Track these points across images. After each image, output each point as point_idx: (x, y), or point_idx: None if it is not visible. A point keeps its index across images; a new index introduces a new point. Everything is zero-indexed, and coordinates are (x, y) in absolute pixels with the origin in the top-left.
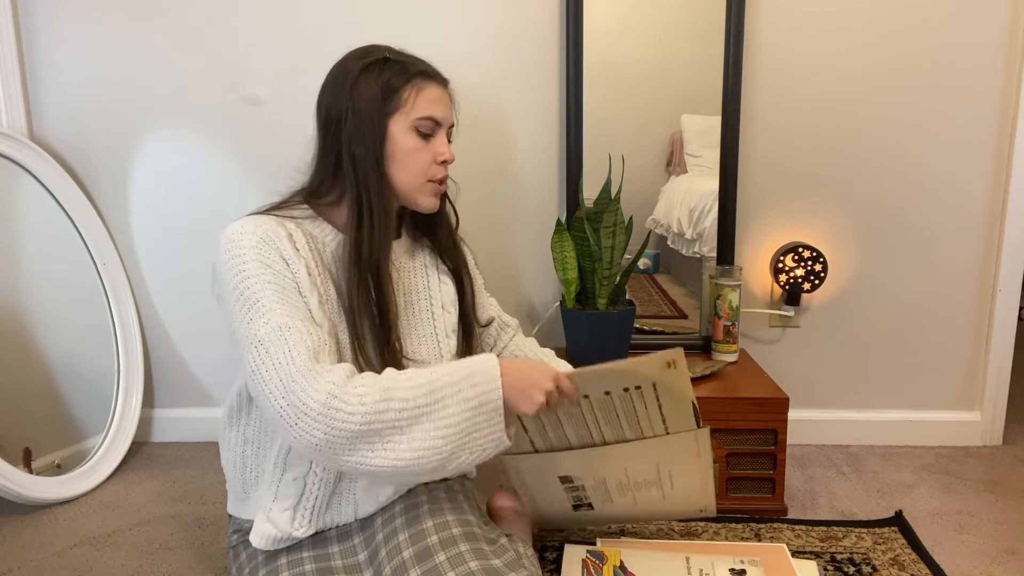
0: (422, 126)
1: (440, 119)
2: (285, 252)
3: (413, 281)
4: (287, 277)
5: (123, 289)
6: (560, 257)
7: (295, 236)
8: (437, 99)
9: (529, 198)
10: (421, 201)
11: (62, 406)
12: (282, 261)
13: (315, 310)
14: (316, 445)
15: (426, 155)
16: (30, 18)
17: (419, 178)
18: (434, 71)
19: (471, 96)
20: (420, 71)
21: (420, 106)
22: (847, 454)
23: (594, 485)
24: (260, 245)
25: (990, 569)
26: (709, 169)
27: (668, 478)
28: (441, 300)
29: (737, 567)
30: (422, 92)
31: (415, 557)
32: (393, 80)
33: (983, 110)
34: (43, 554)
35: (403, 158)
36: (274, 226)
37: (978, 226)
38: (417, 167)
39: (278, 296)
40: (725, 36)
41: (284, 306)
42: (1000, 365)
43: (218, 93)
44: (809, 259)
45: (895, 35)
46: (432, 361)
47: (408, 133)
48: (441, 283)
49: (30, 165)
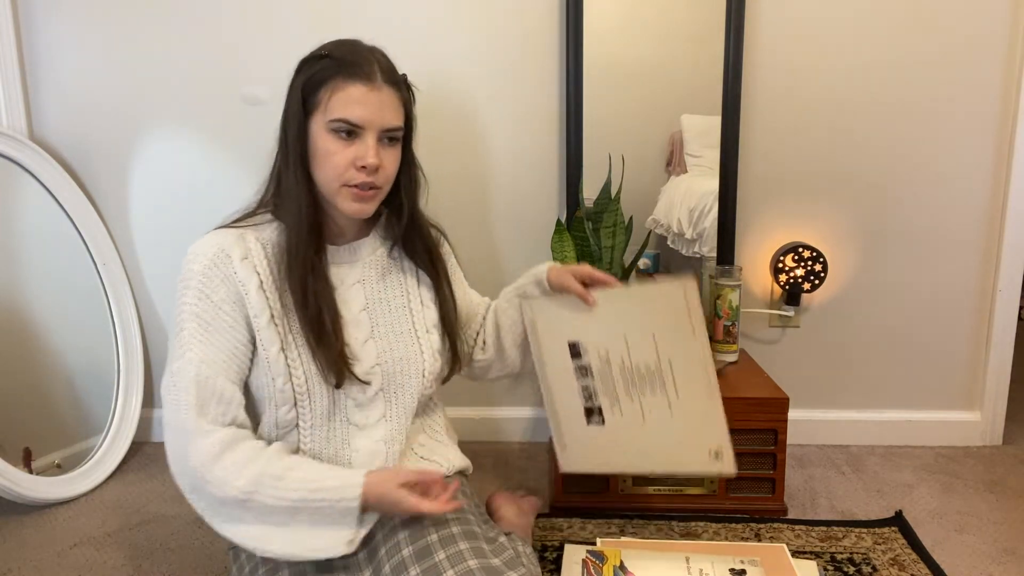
0: (337, 127)
1: (357, 122)
2: (237, 273)
3: (389, 279)
4: (223, 310)
5: (123, 289)
6: (560, 257)
7: (253, 250)
8: (357, 100)
9: (529, 198)
10: (341, 205)
11: (62, 406)
12: (227, 287)
13: (263, 329)
14: (180, 484)
15: (343, 158)
16: (30, 18)
17: (335, 182)
18: (364, 71)
19: (471, 96)
20: (344, 70)
21: (334, 107)
22: (847, 454)
23: (600, 368)
24: (208, 270)
25: (990, 569)
26: (709, 169)
27: (669, 368)
28: (420, 296)
29: (737, 567)
30: (338, 92)
31: (414, 555)
32: (315, 78)
33: (983, 109)
34: (43, 554)
35: (320, 160)
36: (232, 242)
37: (978, 226)
38: (333, 170)
39: (201, 331)
40: (725, 36)
41: (202, 344)
42: (1000, 365)
43: (218, 93)
44: (809, 259)
45: (895, 35)
46: (413, 360)
47: (325, 134)
48: (420, 279)
49: (30, 165)
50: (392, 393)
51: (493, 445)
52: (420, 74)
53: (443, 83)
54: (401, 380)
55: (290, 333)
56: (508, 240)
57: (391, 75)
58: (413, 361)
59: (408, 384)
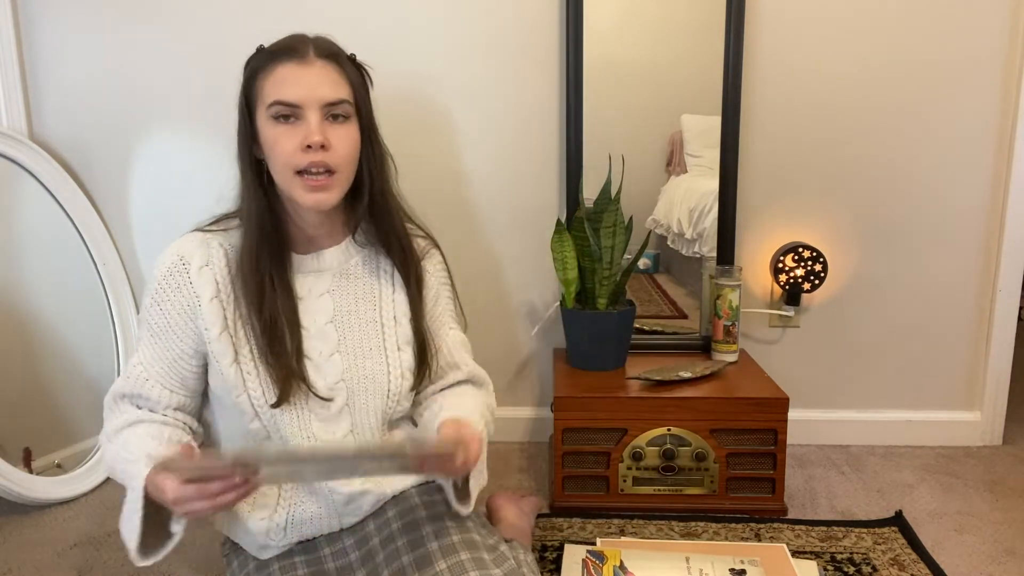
0: (276, 112)
1: (291, 100)
2: (192, 283)
3: (362, 290)
4: (171, 319)
5: (123, 289)
6: (560, 257)
7: (215, 257)
8: (288, 79)
9: (529, 198)
10: (299, 198)
11: (62, 406)
12: (180, 296)
13: (214, 341)
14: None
15: (288, 144)
16: (30, 18)
17: (287, 171)
18: (294, 51)
19: (471, 96)
20: (274, 55)
21: (268, 92)
22: (847, 454)
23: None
24: (164, 279)
25: (990, 569)
26: (709, 169)
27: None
28: (393, 311)
29: (737, 567)
30: (270, 77)
31: (415, 563)
32: (251, 71)
33: (983, 109)
34: (43, 554)
35: (270, 153)
36: (193, 249)
37: (978, 226)
38: (281, 158)
39: (149, 337)
40: (725, 36)
41: (148, 350)
42: (1000, 365)
43: (218, 93)
44: (809, 259)
45: (895, 35)
46: (378, 378)
47: (268, 125)
48: (395, 293)
49: (30, 165)
50: (357, 410)
51: (493, 445)
52: (420, 74)
53: (443, 83)
54: (365, 399)
55: (246, 345)
56: (508, 240)
57: (326, 51)
58: (378, 379)
59: (372, 403)
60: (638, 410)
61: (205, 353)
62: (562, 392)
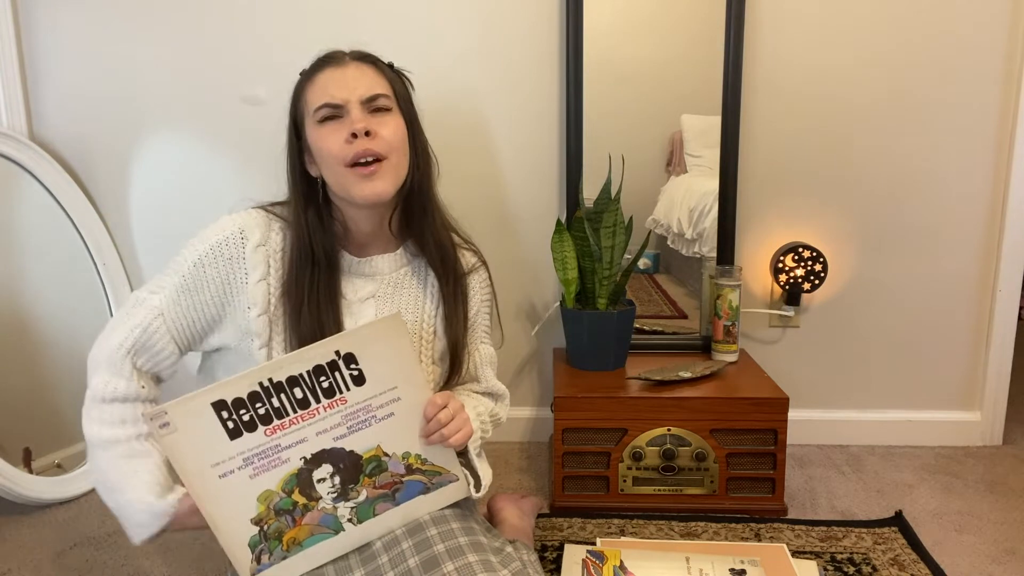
0: (321, 116)
1: (333, 100)
2: (246, 258)
3: (406, 300)
4: (208, 287)
5: (123, 289)
6: (560, 257)
7: (273, 240)
8: (329, 82)
9: (529, 198)
10: (354, 192)
11: (62, 406)
12: (228, 268)
13: (252, 321)
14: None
15: (336, 139)
16: (30, 18)
17: (338, 166)
18: (331, 59)
19: (471, 96)
20: (313, 68)
21: (312, 100)
22: (847, 454)
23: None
24: (220, 245)
25: (990, 569)
26: (709, 169)
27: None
28: (434, 326)
29: (737, 567)
30: (312, 86)
31: (421, 566)
32: (297, 90)
33: (983, 110)
34: (43, 554)
35: (322, 156)
36: (256, 225)
37: (978, 226)
38: (331, 155)
39: (178, 290)
40: (725, 36)
41: (172, 301)
42: (1000, 365)
43: (218, 93)
44: (809, 259)
45: (895, 35)
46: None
47: (316, 130)
48: (439, 308)
49: (30, 165)
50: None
51: (493, 445)
52: (420, 74)
53: (443, 83)
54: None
55: (280, 334)
56: (508, 240)
57: (361, 55)
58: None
59: None
60: (638, 410)
61: (212, 334)
62: (562, 392)
